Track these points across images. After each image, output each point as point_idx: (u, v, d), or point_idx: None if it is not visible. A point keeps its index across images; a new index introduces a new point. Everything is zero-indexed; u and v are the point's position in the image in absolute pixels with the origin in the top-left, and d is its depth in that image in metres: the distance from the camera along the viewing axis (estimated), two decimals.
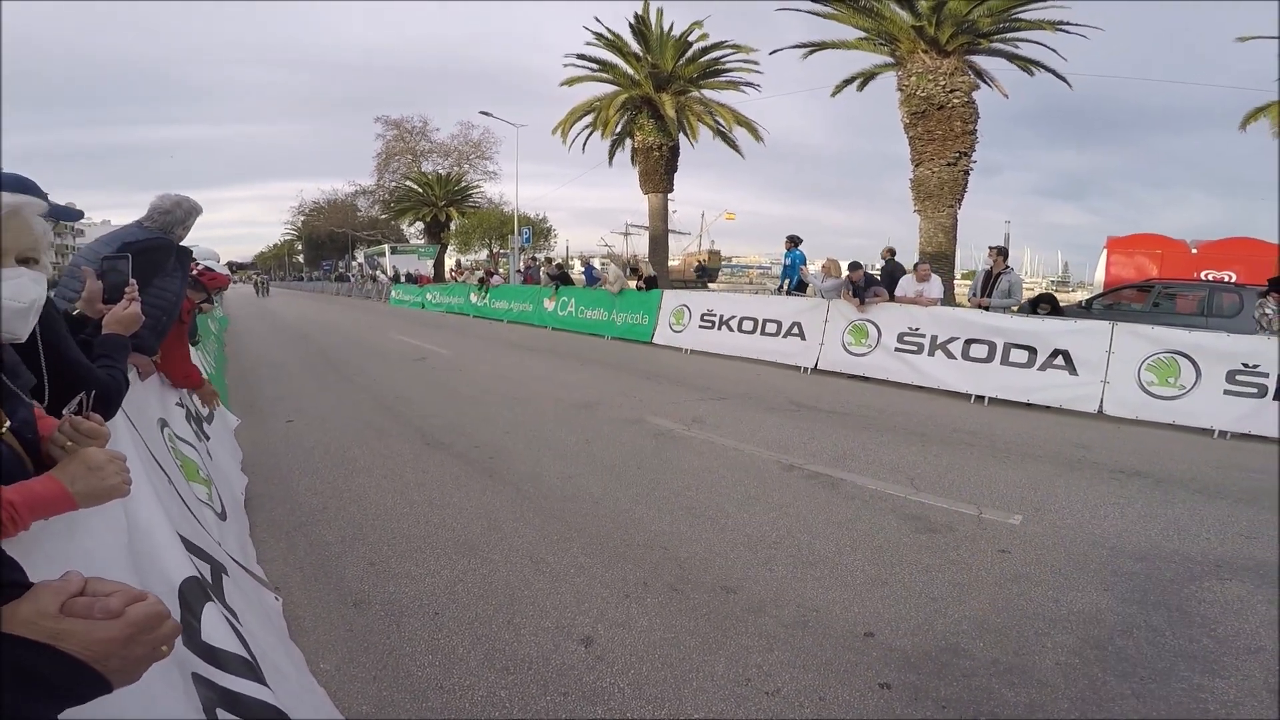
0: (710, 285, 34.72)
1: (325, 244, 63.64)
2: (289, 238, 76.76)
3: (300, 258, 79.13)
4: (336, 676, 2.41)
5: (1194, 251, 15.39)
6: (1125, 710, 2.31)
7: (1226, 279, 13.49)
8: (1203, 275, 14.00)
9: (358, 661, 2.52)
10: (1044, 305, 8.78)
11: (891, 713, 2.29)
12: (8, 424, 1.11)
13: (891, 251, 11.62)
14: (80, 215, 2.82)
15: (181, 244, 3.14)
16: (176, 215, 3.01)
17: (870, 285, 9.50)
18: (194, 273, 3.92)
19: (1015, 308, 9.10)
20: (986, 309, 8.70)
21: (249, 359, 10.88)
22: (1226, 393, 6.58)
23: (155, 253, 2.65)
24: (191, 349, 4.61)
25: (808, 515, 4.06)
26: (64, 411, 1.26)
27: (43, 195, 2.08)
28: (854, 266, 9.66)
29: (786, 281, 13.27)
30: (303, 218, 63.23)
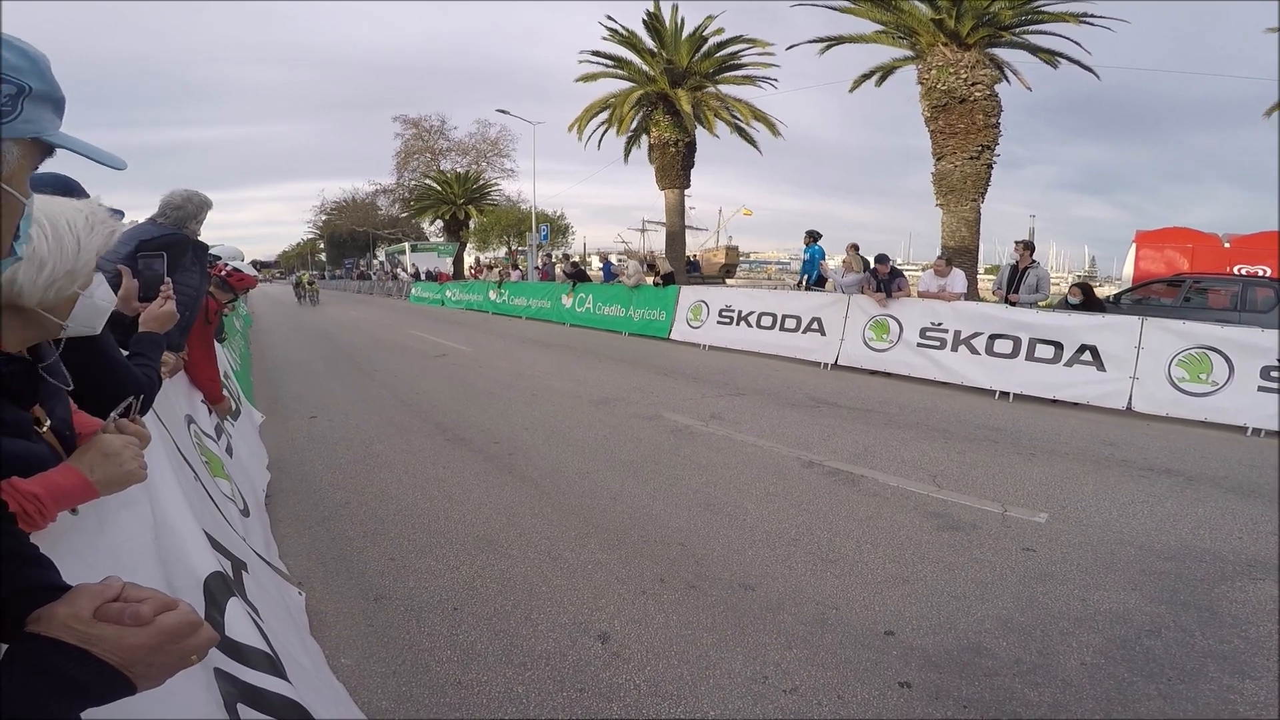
0: (728, 281, 34.46)
1: (347, 242, 64.44)
2: (311, 237, 77.84)
3: (323, 256, 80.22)
4: (357, 671, 2.44)
5: (1226, 246, 15.00)
6: (1151, 711, 2.26)
7: (1260, 273, 13.12)
8: (1236, 270, 13.63)
9: (378, 656, 2.55)
10: (1075, 291, 8.56)
11: (911, 712, 2.26)
12: (48, 423, 1.14)
13: (855, 247, 11.50)
14: (122, 216, 2.88)
15: (200, 239, 3.19)
16: (189, 210, 3.06)
17: (895, 278, 9.39)
18: (222, 274, 3.98)
19: (1044, 302, 8.94)
20: (1015, 304, 8.55)
21: (272, 356, 11.06)
22: (1260, 389, 6.40)
23: (172, 248, 2.70)
24: (218, 345, 4.69)
25: (828, 512, 4.03)
26: (111, 415, 1.27)
27: (84, 195, 2.13)
28: (880, 260, 9.52)
29: (805, 277, 13.17)
30: (324, 217, 64.09)
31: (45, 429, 1.12)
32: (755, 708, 2.26)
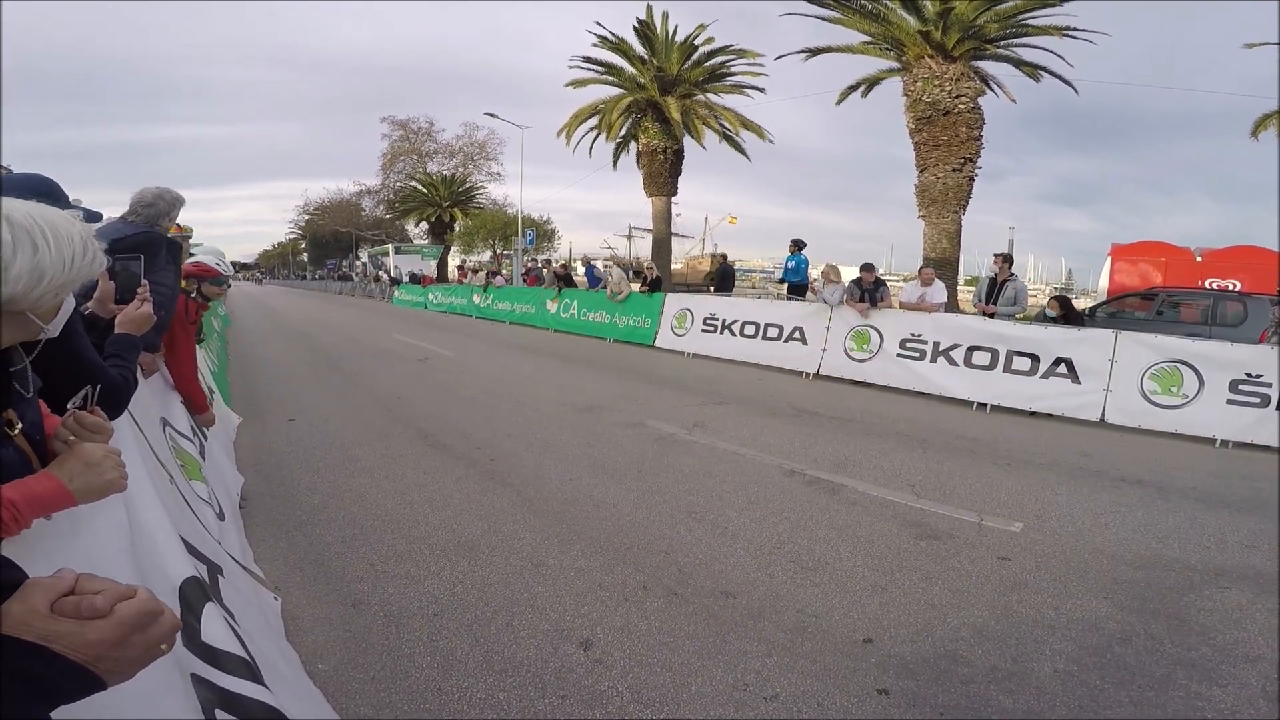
0: (712, 289, 34.50)
1: (329, 243, 63.75)
2: (293, 237, 76.92)
3: (305, 257, 79.32)
4: (334, 678, 2.41)
5: (1198, 259, 15.36)
6: (1122, 717, 2.31)
7: (1231, 287, 13.46)
8: (1207, 283, 13.96)
9: (356, 663, 2.52)
10: (1054, 305, 8.68)
11: (889, 719, 2.28)
12: (19, 427, 1.12)
13: (724, 256, 11.66)
14: (99, 218, 2.84)
15: (173, 238, 3.15)
16: (160, 207, 3.01)
17: (879, 287, 9.50)
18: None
19: (1020, 314, 9.09)
20: (993, 316, 8.69)
21: (251, 358, 10.91)
22: (1229, 402, 6.57)
23: (146, 247, 2.65)
24: (196, 347, 4.62)
25: (808, 521, 4.06)
26: (68, 406, 1.26)
27: (65, 197, 2.10)
28: (866, 268, 9.62)
29: (785, 283, 13.29)
30: (307, 217, 63.35)
31: (16, 433, 1.11)
32: (736, 715, 2.27)
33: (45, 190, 1.98)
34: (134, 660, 0.75)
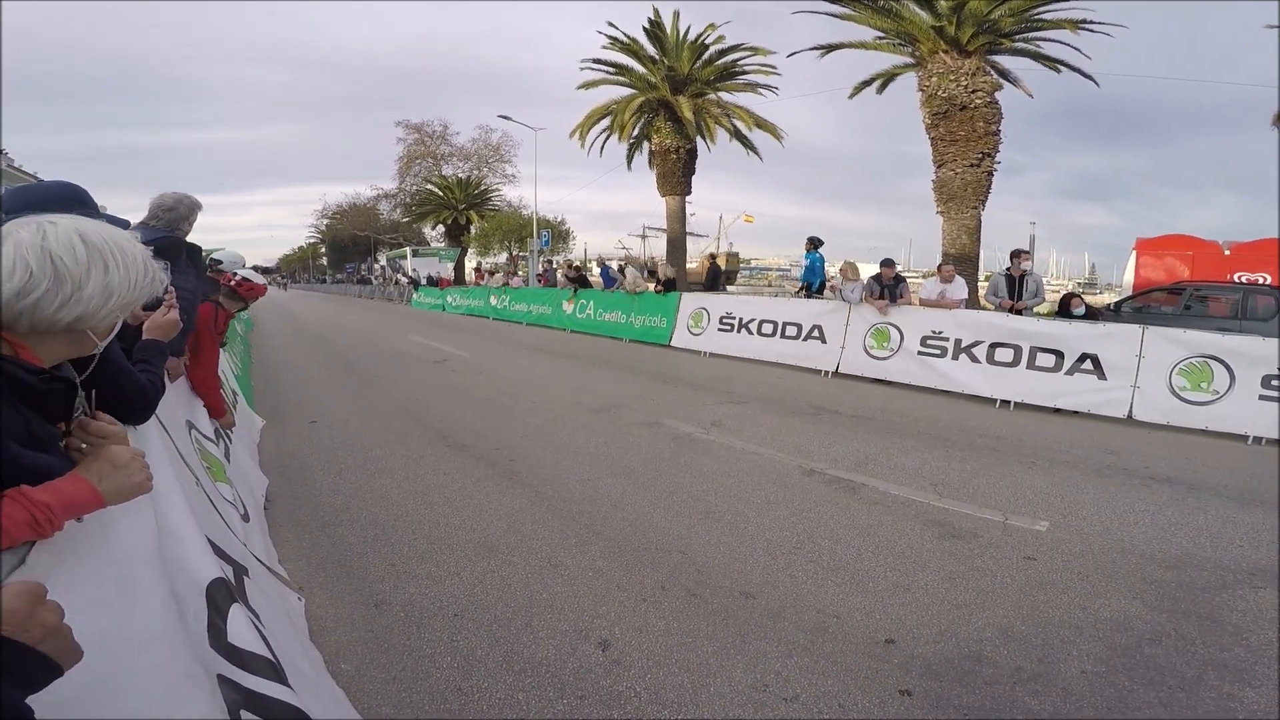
0: (728, 288, 34.37)
1: (348, 247, 64.53)
2: (313, 241, 77.95)
3: (324, 260, 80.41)
4: (357, 677, 2.44)
5: (1227, 253, 14.98)
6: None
7: (1261, 281, 13.13)
8: (1236, 277, 13.63)
9: (378, 663, 2.55)
10: (1077, 303, 8.48)
11: None
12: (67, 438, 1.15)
13: (712, 257, 11.49)
14: (127, 224, 2.89)
15: (193, 242, 3.22)
16: (180, 211, 3.08)
17: (899, 284, 9.41)
18: (231, 283, 4.01)
19: (1045, 308, 8.92)
20: (1020, 312, 8.51)
21: (271, 361, 11.06)
22: (1262, 398, 6.40)
23: (165, 251, 2.70)
24: (220, 351, 4.69)
25: (828, 520, 4.03)
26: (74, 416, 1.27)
27: (94, 205, 2.14)
28: (886, 263, 9.52)
29: (806, 284, 13.18)
30: (326, 221, 64.14)
31: (65, 442, 1.14)
32: (756, 716, 2.26)
33: (77, 198, 2.01)
34: (58, 629, 0.79)
